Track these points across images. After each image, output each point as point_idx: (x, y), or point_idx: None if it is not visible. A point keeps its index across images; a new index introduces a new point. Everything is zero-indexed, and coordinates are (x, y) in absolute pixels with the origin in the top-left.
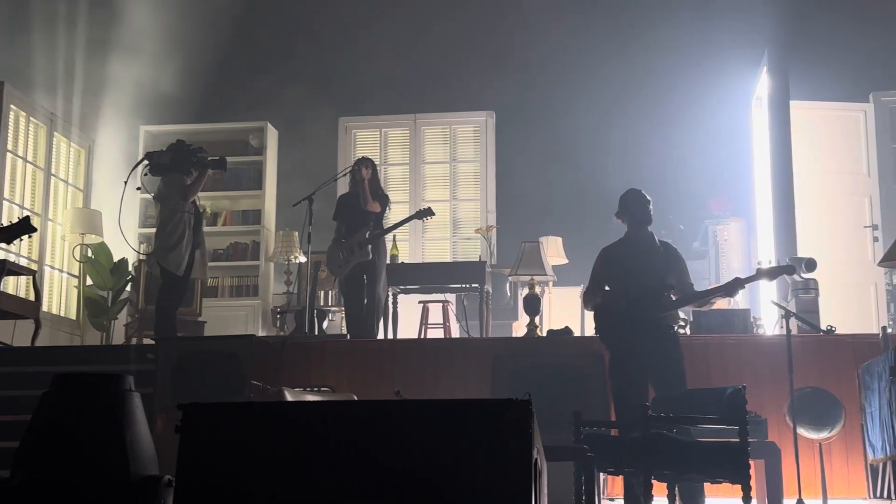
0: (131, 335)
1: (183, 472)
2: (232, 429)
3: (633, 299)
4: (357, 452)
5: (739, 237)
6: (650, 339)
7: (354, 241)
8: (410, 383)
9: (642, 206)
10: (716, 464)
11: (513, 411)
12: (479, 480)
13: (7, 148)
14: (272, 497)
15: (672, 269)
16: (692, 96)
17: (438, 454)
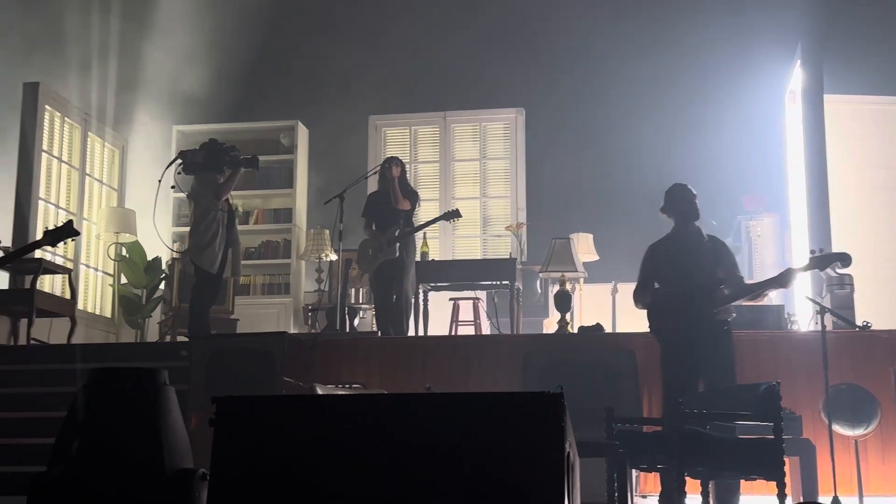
0: (165, 333)
1: (217, 464)
2: (265, 421)
3: (686, 295)
4: (389, 445)
5: (773, 233)
6: (703, 335)
7: (383, 238)
8: (441, 380)
9: (688, 201)
10: (750, 461)
11: (545, 404)
12: (512, 473)
13: (43, 148)
14: (304, 488)
15: (721, 263)
16: (724, 91)
17: (470, 447)
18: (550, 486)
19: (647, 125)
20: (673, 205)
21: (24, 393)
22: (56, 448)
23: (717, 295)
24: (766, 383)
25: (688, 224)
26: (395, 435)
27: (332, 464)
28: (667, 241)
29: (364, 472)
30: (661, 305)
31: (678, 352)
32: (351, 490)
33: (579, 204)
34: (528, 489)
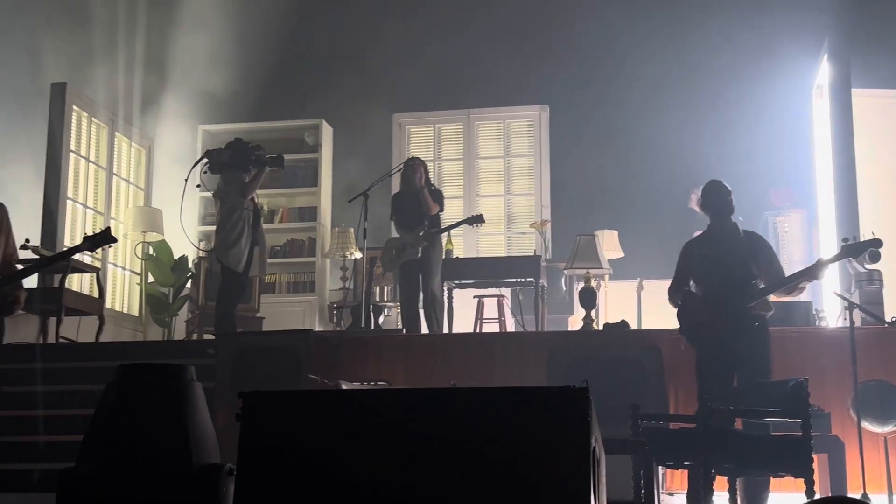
0: (192, 331)
1: (243, 459)
2: (291, 416)
3: (718, 292)
4: (414, 439)
5: (801, 229)
6: (736, 332)
7: (407, 238)
8: (466, 378)
9: (722, 197)
10: (778, 457)
11: (570, 398)
12: (537, 467)
13: (70, 148)
14: (330, 482)
15: (757, 258)
16: (751, 86)
17: (496, 441)
18: (576, 480)
19: (672, 121)
20: (707, 202)
21: (53, 391)
22: (85, 444)
23: (751, 290)
24: (794, 380)
25: (722, 220)
26: (420, 429)
27: (357, 458)
28: (702, 238)
29: (390, 466)
30: (691, 307)
31: (712, 349)
32: (376, 484)
33: (604, 200)
34: (553, 483)
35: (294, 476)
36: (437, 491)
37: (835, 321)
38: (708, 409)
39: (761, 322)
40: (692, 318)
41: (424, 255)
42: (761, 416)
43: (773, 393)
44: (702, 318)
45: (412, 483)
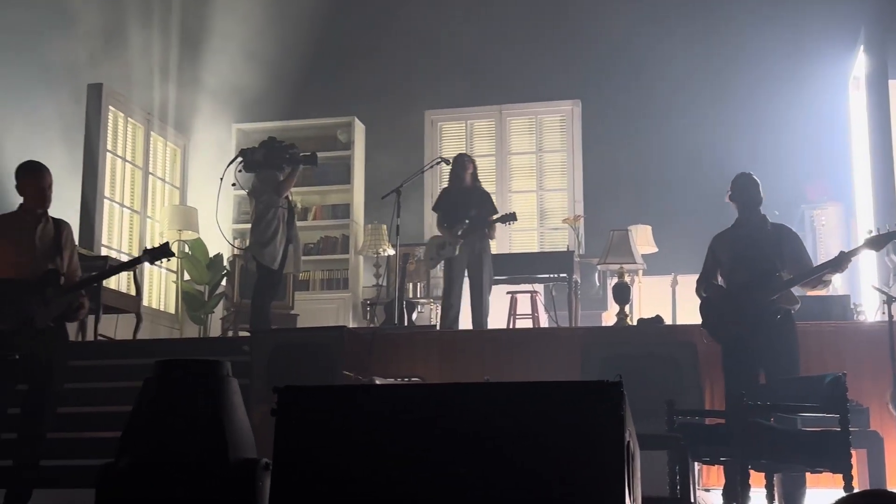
0: (227, 328)
1: (279, 453)
2: (326, 410)
3: (741, 286)
4: (448, 434)
5: (838, 222)
6: (760, 326)
7: (449, 236)
8: (499, 374)
9: (749, 189)
10: (816, 453)
11: (604, 393)
12: (571, 461)
13: (107, 148)
14: (366, 477)
15: (783, 250)
16: (786, 78)
17: (530, 435)
18: (610, 474)
19: (706, 114)
20: (734, 194)
21: (91, 388)
22: (123, 439)
23: (774, 283)
24: (831, 374)
25: (750, 213)
26: (454, 424)
27: (391, 452)
28: (730, 231)
29: (424, 460)
30: (713, 301)
31: (736, 343)
32: (411, 478)
33: (637, 195)
34: (587, 478)
35: (329, 470)
36: (471, 485)
37: (873, 315)
38: (745, 405)
39: (784, 315)
40: (714, 311)
41: (478, 257)
42: (799, 411)
43: (810, 388)
44: (723, 312)
45: (447, 477)
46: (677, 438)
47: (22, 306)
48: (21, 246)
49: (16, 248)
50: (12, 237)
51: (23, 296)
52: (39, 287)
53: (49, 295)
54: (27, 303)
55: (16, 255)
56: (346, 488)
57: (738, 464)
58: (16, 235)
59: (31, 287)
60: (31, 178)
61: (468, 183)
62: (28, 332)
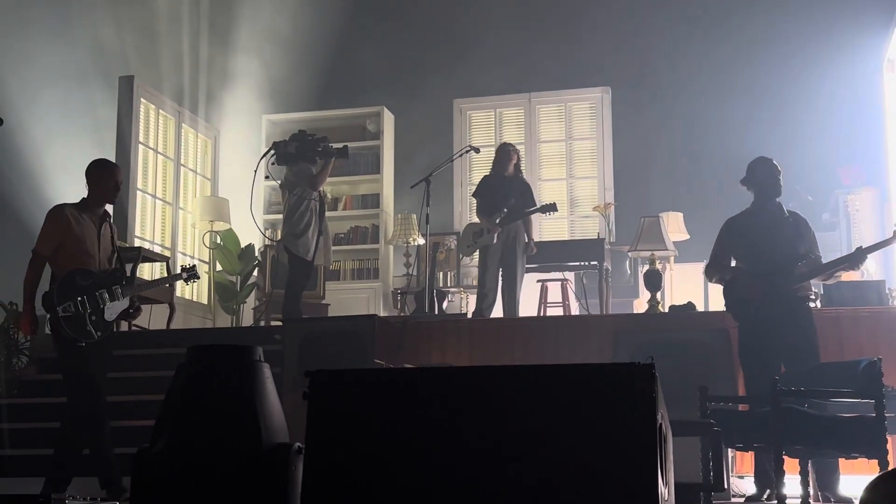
0: (259, 318)
1: (311, 436)
2: (358, 394)
3: (764, 273)
4: (480, 417)
5: (872, 207)
6: (783, 314)
7: (486, 224)
8: (530, 361)
9: (772, 176)
10: (850, 438)
11: (635, 375)
12: (603, 445)
13: (140, 140)
14: (397, 460)
15: (803, 239)
16: (819, 61)
17: (561, 418)
18: (643, 456)
19: (737, 99)
20: (753, 179)
21: (126, 377)
22: (158, 424)
23: (798, 271)
24: (866, 359)
25: (767, 200)
26: (486, 407)
27: (424, 436)
28: (745, 217)
29: (457, 443)
30: (740, 283)
31: (755, 330)
32: (442, 461)
33: (668, 182)
34: (620, 459)
35: (361, 453)
36: (502, 467)
37: None
38: (779, 391)
39: (807, 303)
40: (739, 295)
41: (511, 246)
42: (833, 397)
43: (845, 373)
44: (748, 296)
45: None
46: (710, 425)
47: (95, 297)
48: (92, 239)
49: (88, 241)
50: (86, 229)
51: (97, 288)
52: (110, 282)
53: (118, 292)
54: (100, 295)
55: (88, 246)
56: (378, 471)
57: (773, 450)
58: (88, 228)
59: (103, 281)
60: (109, 173)
61: (510, 172)
62: (100, 324)
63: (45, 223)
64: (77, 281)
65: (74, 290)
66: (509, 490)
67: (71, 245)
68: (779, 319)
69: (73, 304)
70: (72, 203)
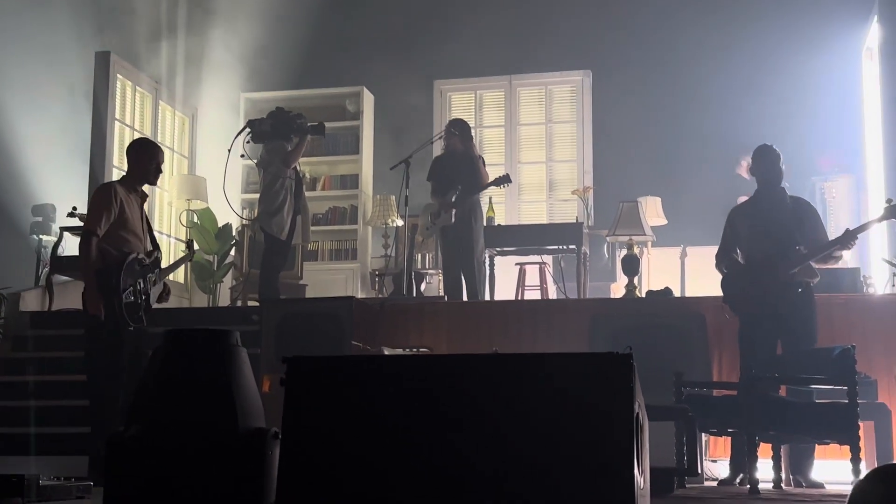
0: (236, 298)
1: (288, 422)
2: (335, 381)
3: (761, 260)
4: (458, 405)
5: (848, 194)
6: (780, 299)
7: (442, 203)
8: (507, 345)
9: (773, 163)
10: (824, 424)
11: (614, 364)
12: (580, 433)
13: (115, 117)
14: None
15: (803, 226)
16: (798, 48)
17: (539, 407)
18: (619, 445)
19: (717, 85)
20: (757, 168)
21: None
22: (133, 407)
23: (795, 255)
24: (840, 347)
25: (769, 187)
26: (464, 395)
27: (401, 422)
28: (748, 204)
29: (434, 430)
30: (735, 275)
31: (754, 319)
32: (420, 449)
33: (647, 167)
34: (596, 449)
35: (338, 440)
36: (480, 455)
37: (883, 288)
38: (753, 377)
39: (805, 288)
40: (736, 285)
41: (466, 222)
42: (807, 383)
43: (819, 360)
44: (745, 286)
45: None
46: (685, 410)
47: (146, 282)
48: (137, 220)
49: (136, 221)
50: (132, 209)
51: (147, 272)
52: (153, 267)
53: (155, 276)
54: (148, 280)
55: (136, 227)
56: (355, 458)
57: (746, 435)
58: (133, 208)
59: (150, 265)
60: (151, 154)
61: (458, 148)
62: (147, 306)
63: (96, 200)
64: (135, 266)
65: (133, 275)
66: (487, 478)
67: (122, 225)
68: (774, 305)
69: (134, 290)
70: (118, 181)
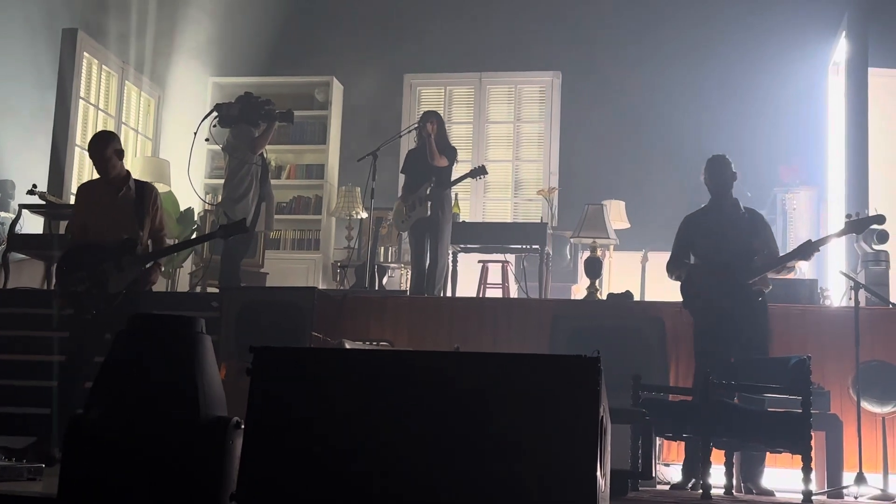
0: (196, 284)
1: (253, 412)
2: (301, 372)
3: (720, 266)
4: (423, 402)
5: (809, 206)
6: (736, 308)
7: (416, 196)
8: (468, 341)
9: (723, 171)
10: (777, 433)
11: (581, 368)
12: (544, 434)
13: (80, 95)
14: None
15: (757, 235)
16: (766, 60)
17: (504, 406)
18: (583, 449)
19: (685, 93)
20: (708, 176)
21: (55, 336)
22: (93, 391)
23: (754, 265)
24: (796, 357)
25: (723, 196)
26: (431, 391)
27: (365, 417)
28: (702, 213)
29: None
30: (695, 279)
31: (712, 323)
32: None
33: (612, 170)
34: (560, 451)
35: (302, 431)
36: (441, 453)
37: (839, 300)
38: (709, 383)
39: (763, 297)
40: (695, 290)
41: (434, 217)
42: (763, 392)
43: (774, 369)
44: (704, 292)
45: (418, 445)
46: (642, 413)
47: (95, 270)
48: (100, 212)
49: (96, 214)
50: (94, 203)
51: (98, 260)
52: (117, 253)
53: (124, 262)
54: (101, 267)
55: (95, 220)
56: (318, 450)
57: (701, 440)
58: (96, 201)
59: (108, 252)
60: (91, 149)
61: (433, 142)
62: (99, 295)
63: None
64: (81, 255)
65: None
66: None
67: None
68: (732, 313)
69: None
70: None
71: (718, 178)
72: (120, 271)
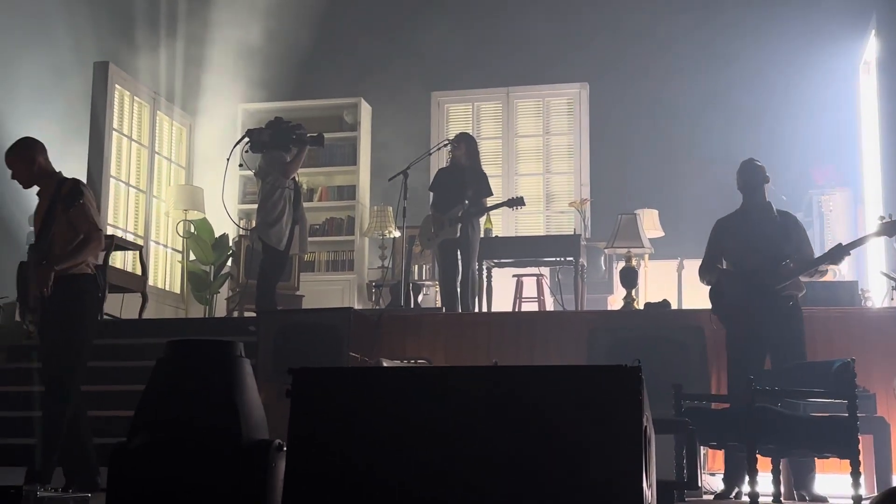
0: (233, 308)
1: (294, 434)
2: (340, 392)
3: (750, 271)
4: (465, 418)
5: (845, 207)
6: (769, 312)
7: (446, 216)
8: (506, 356)
9: (754, 174)
10: (823, 438)
11: (623, 377)
12: (588, 447)
13: (113, 127)
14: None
15: (789, 238)
16: (796, 62)
17: (547, 420)
18: (628, 460)
19: (715, 98)
20: (739, 180)
21: (97, 367)
22: (135, 419)
23: (784, 270)
24: (840, 360)
25: (756, 199)
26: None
27: (406, 437)
28: (734, 217)
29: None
30: (724, 284)
31: (743, 329)
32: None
33: (644, 179)
34: (605, 464)
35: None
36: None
37: (881, 301)
38: (753, 390)
39: (794, 302)
40: (725, 297)
41: (463, 235)
42: (807, 397)
43: (817, 373)
44: (734, 298)
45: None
46: (685, 423)
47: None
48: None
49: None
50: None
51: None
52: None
53: (29, 274)
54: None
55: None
56: (362, 471)
57: (746, 449)
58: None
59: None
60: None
61: (463, 163)
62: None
63: None
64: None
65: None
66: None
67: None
68: (763, 319)
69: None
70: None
71: (749, 182)
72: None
